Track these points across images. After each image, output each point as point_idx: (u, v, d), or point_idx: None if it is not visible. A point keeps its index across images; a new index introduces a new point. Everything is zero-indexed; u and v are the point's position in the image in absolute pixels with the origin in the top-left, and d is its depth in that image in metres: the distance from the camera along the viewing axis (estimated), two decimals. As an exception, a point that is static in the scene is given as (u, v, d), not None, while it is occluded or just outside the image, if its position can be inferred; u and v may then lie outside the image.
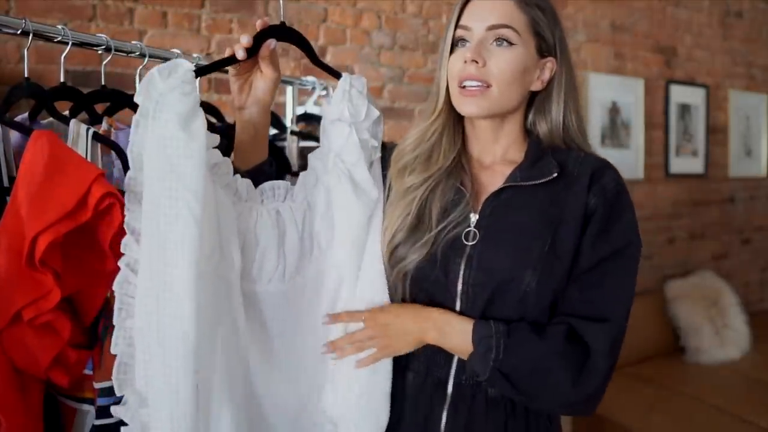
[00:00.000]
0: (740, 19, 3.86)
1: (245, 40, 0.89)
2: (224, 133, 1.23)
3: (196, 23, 2.14)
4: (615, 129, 3.25)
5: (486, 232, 0.91)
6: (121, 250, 0.82)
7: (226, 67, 0.93)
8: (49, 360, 0.83)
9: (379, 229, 0.96)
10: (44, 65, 1.79)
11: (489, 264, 0.89)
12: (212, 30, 2.17)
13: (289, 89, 1.59)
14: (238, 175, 0.92)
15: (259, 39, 0.92)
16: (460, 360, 0.92)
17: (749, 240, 3.99)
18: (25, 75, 0.98)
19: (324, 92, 1.69)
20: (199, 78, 0.85)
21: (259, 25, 0.91)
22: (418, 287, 0.93)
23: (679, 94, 3.53)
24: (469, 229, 0.92)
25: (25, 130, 0.91)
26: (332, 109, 0.99)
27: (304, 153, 1.65)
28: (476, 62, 0.89)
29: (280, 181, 0.96)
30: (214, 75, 2.08)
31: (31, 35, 0.94)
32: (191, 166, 0.80)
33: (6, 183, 0.90)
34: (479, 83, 0.90)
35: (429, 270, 0.91)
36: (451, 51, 0.94)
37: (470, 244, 0.90)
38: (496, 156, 0.99)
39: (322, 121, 1.03)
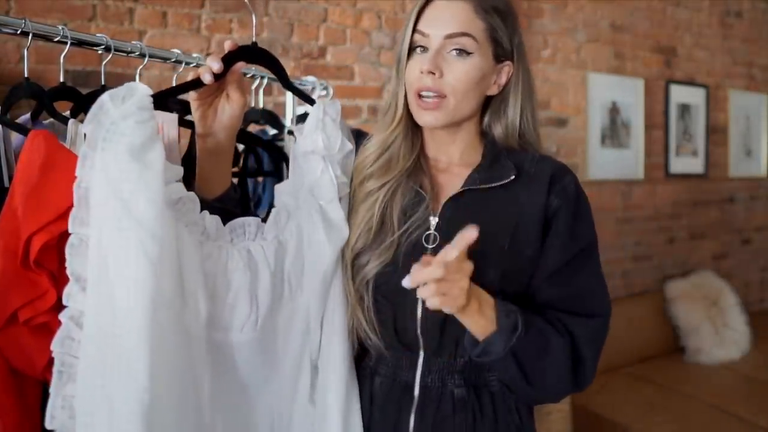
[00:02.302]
0: (740, 19, 3.86)
1: (216, 65, 0.82)
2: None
3: (196, 23, 2.14)
4: (615, 129, 3.25)
5: (446, 235, 0.90)
6: (64, 301, 0.72)
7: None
8: (45, 361, 0.82)
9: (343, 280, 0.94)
10: (44, 65, 1.79)
11: None
12: (212, 30, 2.17)
13: (289, 89, 1.59)
14: (205, 212, 0.84)
15: (229, 62, 0.84)
16: (425, 363, 0.93)
17: (749, 240, 3.99)
18: (25, 75, 0.98)
19: (324, 92, 1.69)
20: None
21: (228, 46, 0.85)
22: (381, 293, 0.92)
23: (679, 94, 3.53)
24: (429, 232, 0.92)
25: (23, 131, 0.91)
26: (305, 141, 0.94)
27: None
28: (433, 73, 0.89)
29: (251, 218, 0.89)
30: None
31: (31, 35, 0.94)
32: (145, 201, 0.71)
33: (6, 183, 0.90)
34: (436, 95, 0.90)
35: (390, 275, 0.90)
36: (409, 55, 0.92)
37: (431, 247, 0.91)
38: (453, 158, 0.99)
39: (293, 152, 0.97)
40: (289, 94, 1.59)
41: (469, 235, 0.76)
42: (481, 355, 0.87)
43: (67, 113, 1.01)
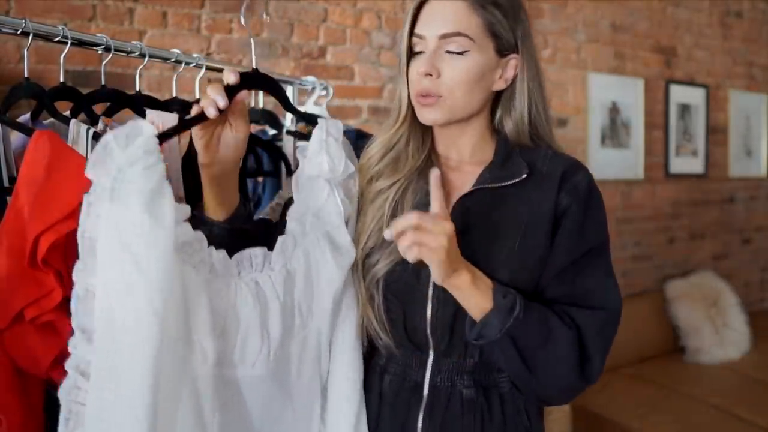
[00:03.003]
0: (740, 19, 3.86)
1: (221, 101, 0.80)
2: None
3: (196, 23, 2.14)
4: (615, 129, 3.25)
5: (456, 234, 0.90)
6: (70, 350, 0.72)
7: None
8: (50, 359, 0.83)
9: (351, 295, 0.93)
10: (44, 65, 1.79)
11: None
12: (212, 30, 2.17)
13: (289, 89, 1.59)
14: (212, 248, 0.82)
15: (231, 91, 0.82)
16: (434, 363, 0.92)
17: (749, 240, 3.99)
18: (25, 75, 0.98)
19: (324, 92, 1.69)
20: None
21: (232, 78, 0.82)
22: (391, 291, 0.92)
23: (679, 94, 3.53)
24: None
25: (26, 130, 0.91)
26: (310, 165, 0.93)
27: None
28: (430, 75, 0.89)
29: (257, 248, 0.86)
30: (214, 75, 2.08)
31: (31, 35, 0.94)
32: (156, 257, 0.69)
33: (6, 183, 0.90)
34: (434, 95, 0.90)
35: (400, 274, 0.90)
36: (412, 57, 0.92)
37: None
38: (464, 155, 0.98)
39: (296, 176, 0.95)
40: (288, 94, 1.59)
41: (435, 176, 0.79)
42: (479, 337, 0.85)
43: (67, 113, 1.01)
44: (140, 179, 0.69)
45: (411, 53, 0.92)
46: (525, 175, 0.90)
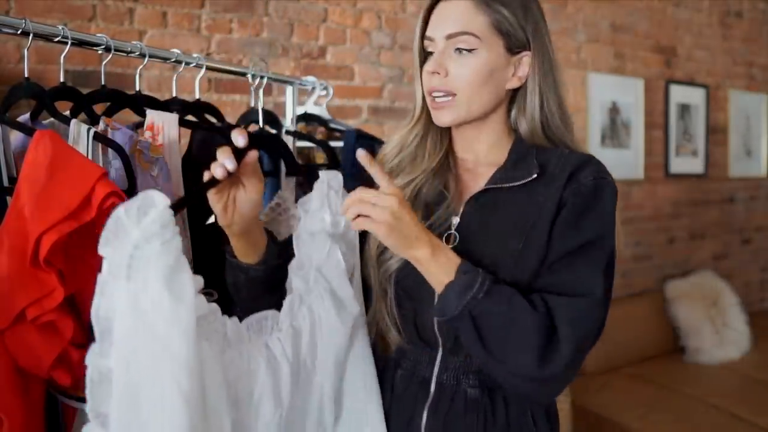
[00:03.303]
0: (740, 19, 3.86)
1: (230, 164, 0.79)
2: (224, 132, 1.23)
3: (196, 23, 2.14)
4: (615, 129, 3.25)
5: (465, 234, 0.92)
6: None
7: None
8: (51, 359, 0.83)
9: (361, 346, 0.94)
10: (44, 65, 1.79)
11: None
12: (212, 30, 2.17)
13: (289, 89, 1.59)
14: (225, 317, 0.81)
15: (241, 154, 0.82)
16: (442, 360, 0.93)
17: (749, 240, 3.99)
18: (25, 75, 0.98)
19: (324, 92, 1.69)
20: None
21: (240, 141, 0.81)
22: (402, 287, 0.94)
23: (679, 94, 3.53)
24: (449, 232, 0.93)
25: (27, 130, 0.91)
26: (312, 220, 0.93)
27: (302, 153, 1.65)
28: (438, 74, 0.91)
29: (268, 312, 0.86)
30: (214, 75, 2.08)
31: (31, 35, 0.94)
32: (179, 335, 0.66)
33: (6, 183, 0.90)
34: (445, 94, 0.91)
35: (410, 271, 0.90)
36: (426, 59, 0.94)
37: (450, 247, 0.91)
38: (479, 156, 0.99)
39: (298, 231, 0.94)
40: (288, 94, 1.59)
41: (360, 155, 0.81)
42: (440, 314, 0.84)
43: (67, 113, 1.01)
44: (158, 256, 0.66)
45: (424, 55, 0.95)
46: (534, 176, 0.90)
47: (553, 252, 0.88)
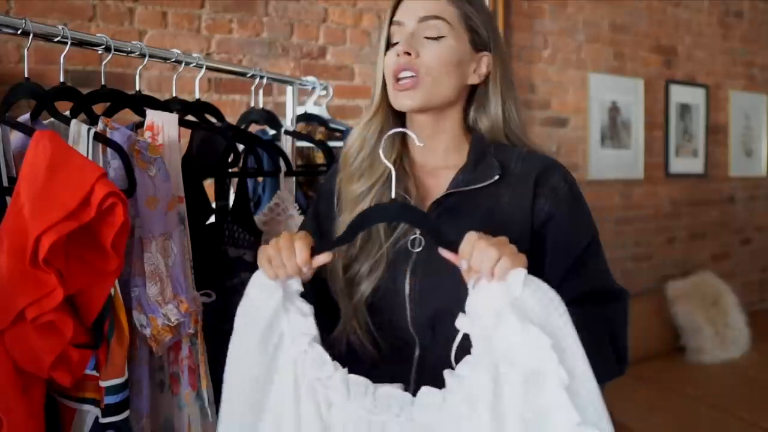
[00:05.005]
0: (740, 19, 3.86)
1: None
2: (224, 132, 1.23)
3: (196, 23, 2.14)
4: (615, 129, 3.25)
5: (429, 239, 0.91)
6: None
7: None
8: (51, 359, 0.83)
9: None
10: (44, 65, 1.79)
11: (434, 271, 0.89)
12: (212, 30, 2.17)
13: (289, 89, 1.59)
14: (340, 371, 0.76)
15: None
16: (420, 357, 0.92)
17: (749, 240, 3.99)
18: (25, 75, 0.98)
19: (324, 92, 1.69)
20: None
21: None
22: (376, 306, 0.94)
23: (679, 94, 3.53)
24: (414, 236, 0.92)
25: (27, 130, 0.92)
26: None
27: (302, 153, 1.66)
28: (408, 54, 0.91)
29: (398, 392, 0.77)
30: (214, 75, 2.08)
31: (31, 35, 0.94)
32: None
33: (5, 183, 0.90)
34: (412, 74, 0.92)
35: (383, 290, 0.92)
36: (387, 50, 0.96)
37: (416, 251, 0.91)
38: (439, 159, 0.99)
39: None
40: (288, 94, 1.59)
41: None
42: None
43: (67, 113, 1.01)
44: None
45: (388, 45, 0.96)
46: (497, 177, 0.92)
47: (565, 262, 0.90)
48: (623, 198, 3.30)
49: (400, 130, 0.89)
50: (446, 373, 0.75)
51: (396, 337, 0.95)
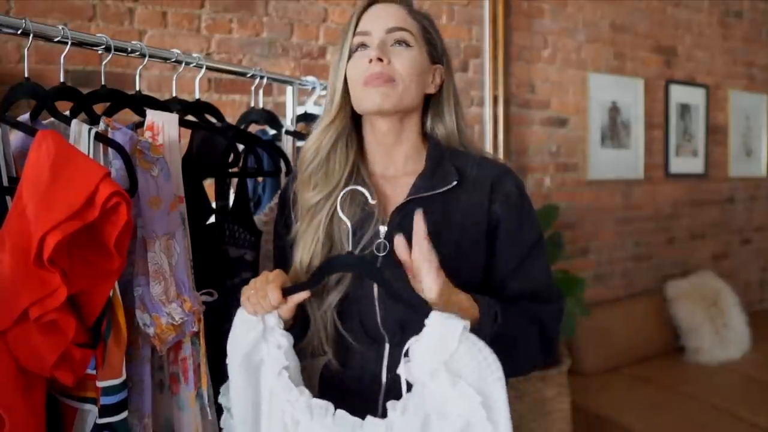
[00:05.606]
0: (740, 19, 3.86)
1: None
2: (224, 132, 1.23)
3: (196, 23, 2.14)
4: (615, 129, 3.25)
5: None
6: None
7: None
8: (54, 358, 0.83)
9: None
10: (44, 65, 1.79)
11: (399, 274, 0.89)
12: (212, 30, 2.17)
13: (289, 89, 1.59)
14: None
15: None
16: (390, 354, 0.95)
17: (749, 240, 3.99)
18: (25, 75, 0.98)
19: (324, 92, 1.69)
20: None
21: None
22: (345, 311, 0.96)
23: (679, 94, 3.53)
24: (379, 240, 0.94)
25: (28, 130, 0.92)
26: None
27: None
28: (381, 60, 0.93)
29: (349, 416, 0.85)
30: (214, 75, 2.08)
31: (31, 35, 0.94)
32: None
33: (5, 183, 0.90)
34: (386, 80, 0.94)
35: (353, 296, 0.94)
36: (349, 58, 0.98)
37: (382, 255, 0.93)
38: (398, 167, 1.01)
39: None
40: (289, 94, 1.59)
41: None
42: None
43: (67, 113, 1.01)
44: None
45: (349, 53, 0.98)
46: (455, 182, 0.95)
47: (512, 260, 0.97)
48: (623, 198, 3.30)
49: (354, 187, 0.92)
50: (389, 404, 0.83)
51: (367, 336, 0.97)
